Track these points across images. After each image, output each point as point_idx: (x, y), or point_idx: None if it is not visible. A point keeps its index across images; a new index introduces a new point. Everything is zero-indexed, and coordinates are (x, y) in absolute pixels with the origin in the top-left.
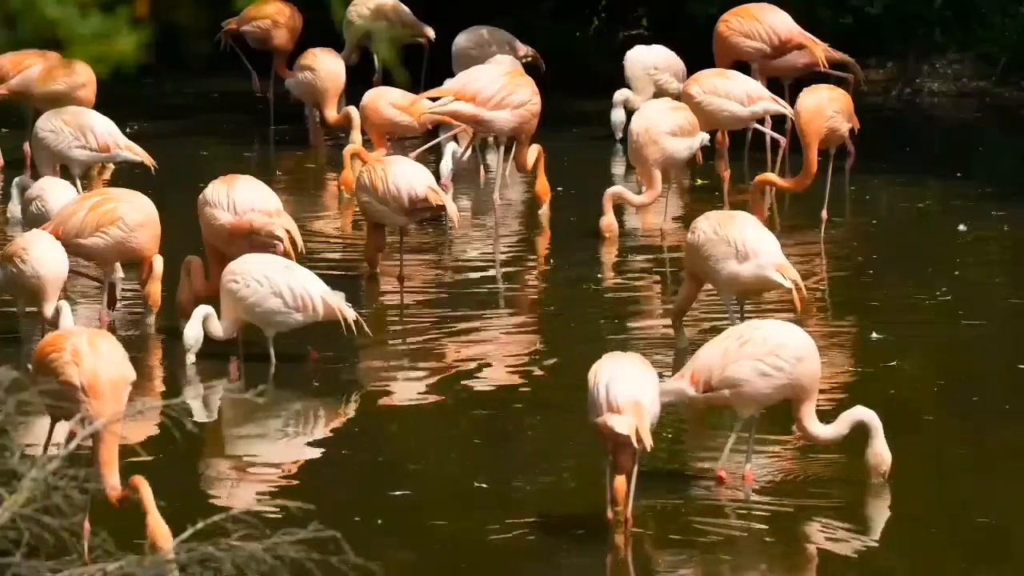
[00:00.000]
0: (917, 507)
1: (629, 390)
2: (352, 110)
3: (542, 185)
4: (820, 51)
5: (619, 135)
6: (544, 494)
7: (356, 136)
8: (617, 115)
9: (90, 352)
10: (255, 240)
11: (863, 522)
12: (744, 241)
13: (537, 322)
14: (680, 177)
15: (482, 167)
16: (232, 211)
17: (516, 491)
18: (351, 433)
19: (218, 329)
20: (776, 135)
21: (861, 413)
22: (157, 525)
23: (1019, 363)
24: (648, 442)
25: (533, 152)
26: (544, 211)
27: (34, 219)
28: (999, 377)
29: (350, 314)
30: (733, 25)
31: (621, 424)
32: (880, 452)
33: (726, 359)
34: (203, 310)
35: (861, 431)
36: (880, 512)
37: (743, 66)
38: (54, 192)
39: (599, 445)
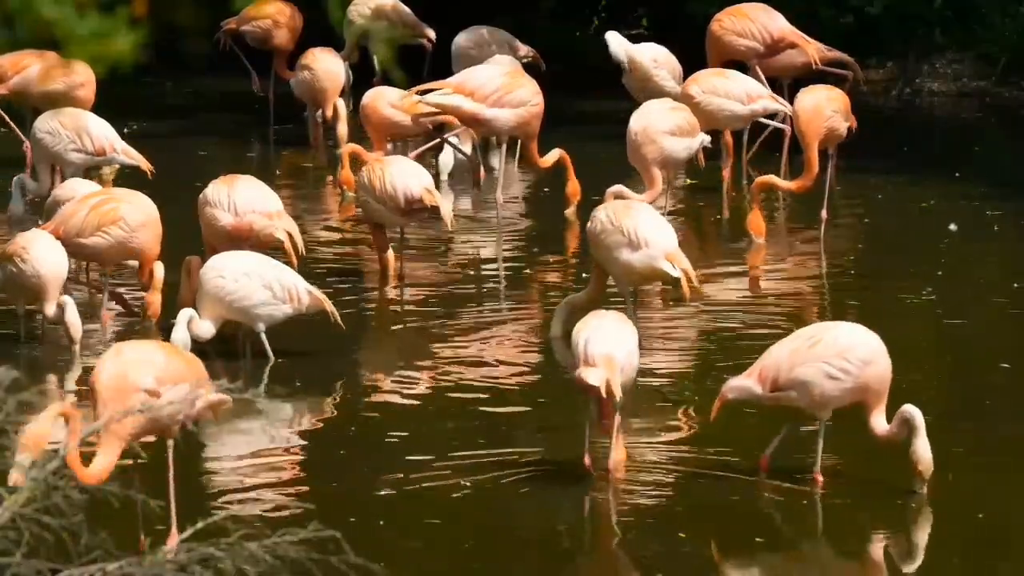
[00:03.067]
0: (914, 503)
1: (604, 345)
2: (340, 103)
3: (573, 186)
4: (813, 50)
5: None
6: (545, 493)
7: (342, 128)
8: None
9: (106, 357)
10: (255, 241)
11: (861, 519)
12: (636, 230)
13: (537, 322)
14: (674, 177)
15: (481, 167)
16: (232, 212)
17: (516, 491)
18: (350, 433)
19: (203, 329)
20: (779, 124)
21: (907, 411)
22: None
23: (1001, 362)
24: (617, 394)
25: (554, 154)
26: (571, 211)
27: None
28: (981, 376)
29: (330, 305)
30: (726, 24)
31: (593, 376)
32: (919, 451)
33: (794, 359)
34: (186, 313)
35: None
36: (880, 509)
37: (740, 66)
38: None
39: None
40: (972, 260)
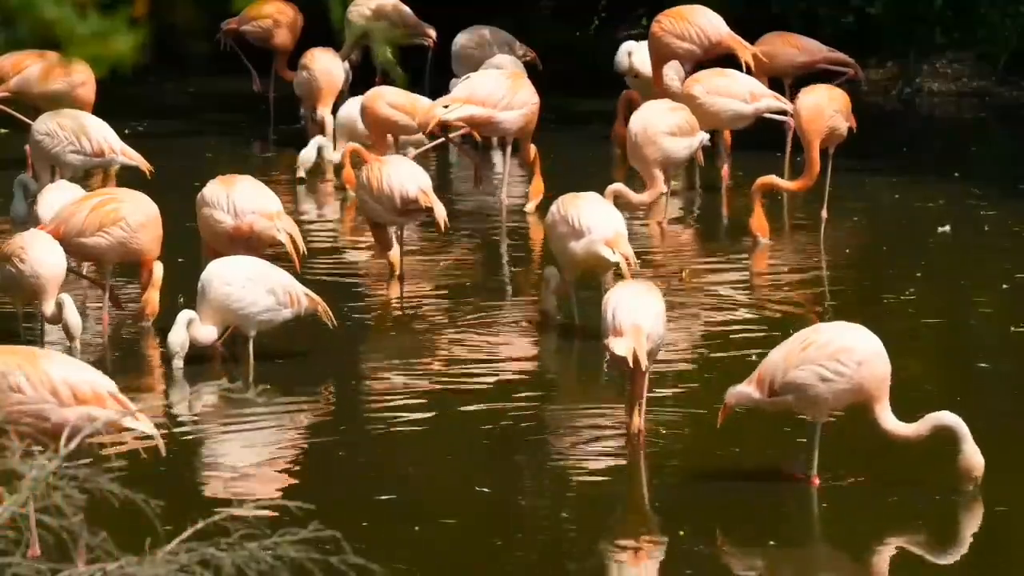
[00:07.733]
0: (913, 503)
1: (631, 314)
2: (328, 117)
3: (537, 185)
4: (748, 54)
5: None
6: (547, 493)
7: (327, 143)
8: (622, 57)
9: None
10: (254, 243)
11: (861, 519)
12: (579, 219)
13: (539, 321)
14: (673, 177)
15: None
16: (232, 213)
17: (518, 491)
18: (350, 432)
19: (204, 334)
20: (783, 118)
21: (948, 418)
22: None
23: (979, 362)
24: (643, 363)
25: (531, 150)
26: (531, 207)
27: (38, 222)
28: (963, 375)
29: (324, 306)
30: (665, 26)
31: (619, 346)
32: (972, 456)
33: (788, 363)
34: (186, 315)
35: (945, 436)
36: (880, 509)
37: (739, 65)
38: (55, 197)
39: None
40: (958, 261)
